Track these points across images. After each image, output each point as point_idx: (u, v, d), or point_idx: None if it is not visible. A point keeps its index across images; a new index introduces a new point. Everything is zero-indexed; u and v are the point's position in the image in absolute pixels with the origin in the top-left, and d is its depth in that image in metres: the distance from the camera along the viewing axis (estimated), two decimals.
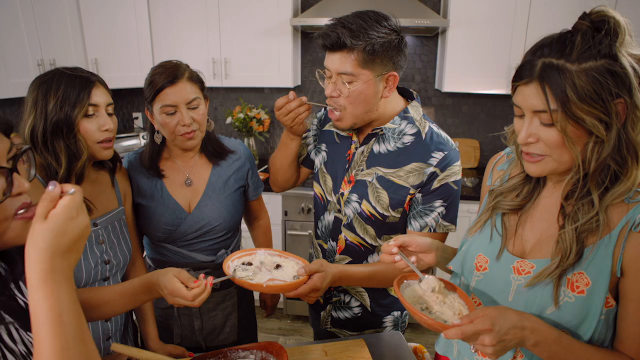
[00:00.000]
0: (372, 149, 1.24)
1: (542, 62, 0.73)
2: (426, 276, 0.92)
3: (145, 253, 1.52)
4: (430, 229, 1.20)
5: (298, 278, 1.06)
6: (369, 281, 1.23)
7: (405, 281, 0.94)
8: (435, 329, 0.79)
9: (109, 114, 1.16)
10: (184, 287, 0.96)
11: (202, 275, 1.00)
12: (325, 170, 1.34)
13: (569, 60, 0.71)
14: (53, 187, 0.60)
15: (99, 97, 1.13)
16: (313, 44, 3.08)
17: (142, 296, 1.02)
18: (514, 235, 0.91)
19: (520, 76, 0.76)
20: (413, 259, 0.95)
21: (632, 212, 0.73)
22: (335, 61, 1.10)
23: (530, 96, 0.75)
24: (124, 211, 1.31)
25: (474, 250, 0.96)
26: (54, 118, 1.07)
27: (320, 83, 1.21)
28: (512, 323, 0.73)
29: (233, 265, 1.10)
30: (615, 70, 0.70)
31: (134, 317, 1.46)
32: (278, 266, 1.11)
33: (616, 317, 0.78)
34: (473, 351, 0.93)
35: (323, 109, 1.42)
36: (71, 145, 1.09)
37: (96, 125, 1.12)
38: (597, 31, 0.72)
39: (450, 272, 1.04)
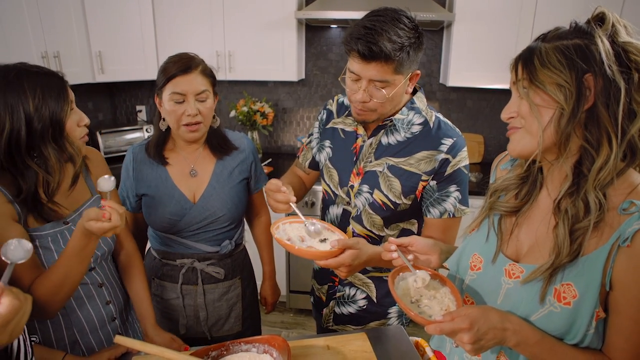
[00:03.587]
0: (380, 141, 1.25)
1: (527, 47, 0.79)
2: (417, 271, 0.93)
3: (149, 245, 1.53)
4: (449, 214, 1.23)
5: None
6: None
7: (401, 274, 0.95)
8: (419, 323, 0.80)
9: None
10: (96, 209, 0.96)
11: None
12: (330, 165, 1.35)
13: (545, 41, 0.77)
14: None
15: (72, 93, 1.07)
16: (317, 37, 3.07)
17: (84, 244, 0.99)
18: (509, 237, 0.90)
19: None
20: (410, 256, 0.97)
21: (623, 226, 0.72)
22: (370, 69, 1.09)
23: (512, 73, 0.81)
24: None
25: (469, 250, 0.96)
26: (41, 120, 0.98)
27: (343, 85, 1.20)
28: (493, 324, 0.75)
29: (283, 227, 1.13)
30: (585, 47, 0.72)
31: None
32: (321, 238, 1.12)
33: (605, 324, 0.78)
34: (455, 346, 0.95)
35: (323, 109, 1.42)
36: (61, 148, 1.03)
37: (75, 122, 1.08)
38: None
39: (448, 269, 1.04)
